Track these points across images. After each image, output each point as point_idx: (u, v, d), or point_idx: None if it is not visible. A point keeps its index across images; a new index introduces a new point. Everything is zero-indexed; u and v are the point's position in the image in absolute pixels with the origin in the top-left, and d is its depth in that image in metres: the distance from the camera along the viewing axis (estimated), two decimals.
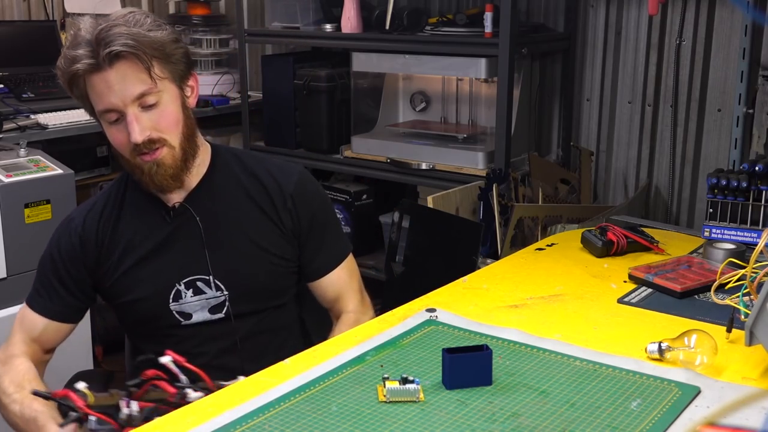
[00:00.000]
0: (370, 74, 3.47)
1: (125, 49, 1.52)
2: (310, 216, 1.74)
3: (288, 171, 1.77)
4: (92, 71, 1.52)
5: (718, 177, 1.96)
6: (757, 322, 1.33)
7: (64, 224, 1.71)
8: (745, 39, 2.81)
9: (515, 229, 2.76)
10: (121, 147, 1.58)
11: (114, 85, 1.52)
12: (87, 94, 1.56)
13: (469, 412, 1.25)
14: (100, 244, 1.68)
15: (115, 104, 1.53)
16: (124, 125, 1.54)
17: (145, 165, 1.57)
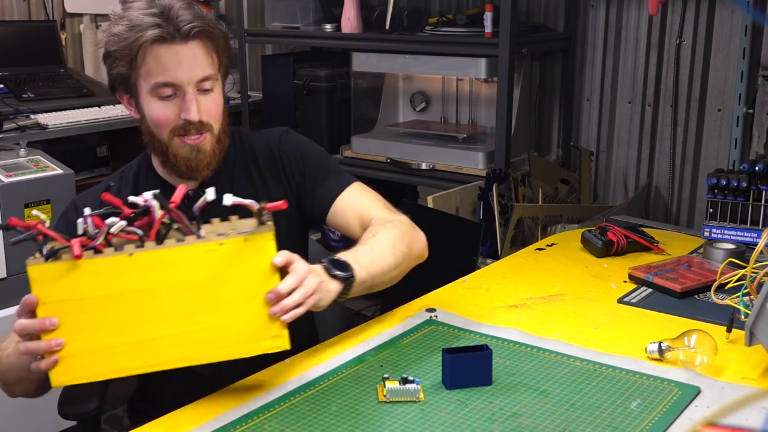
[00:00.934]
0: (370, 74, 3.47)
1: (206, 28, 1.51)
2: (302, 163, 1.70)
3: (273, 133, 1.74)
4: (161, 41, 1.48)
5: (718, 177, 1.96)
6: (757, 322, 1.33)
7: (70, 207, 1.64)
8: (745, 39, 2.81)
9: (515, 229, 2.76)
10: (164, 124, 1.53)
11: (183, 61, 1.49)
12: (141, 64, 1.49)
13: (469, 412, 1.25)
14: None
15: (179, 80, 1.49)
16: (175, 102, 1.51)
17: (184, 147, 1.54)
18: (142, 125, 1.57)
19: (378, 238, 1.53)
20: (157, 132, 1.54)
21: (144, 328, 1.21)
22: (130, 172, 1.69)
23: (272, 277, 1.24)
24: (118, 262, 1.20)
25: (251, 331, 1.24)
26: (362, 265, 1.45)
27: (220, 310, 1.23)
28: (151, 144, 1.58)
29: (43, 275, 1.19)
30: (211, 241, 1.21)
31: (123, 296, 1.21)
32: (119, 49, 1.50)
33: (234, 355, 1.25)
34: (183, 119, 1.51)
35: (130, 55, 1.49)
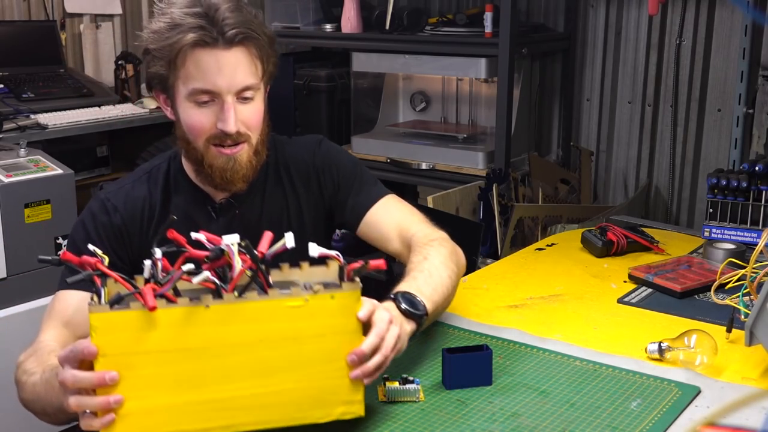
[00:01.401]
0: (370, 74, 3.47)
1: (252, 35, 1.42)
2: (336, 173, 1.63)
3: (307, 142, 1.68)
4: (204, 45, 1.40)
5: (718, 177, 1.96)
6: (757, 322, 1.33)
7: (97, 205, 1.55)
8: (745, 39, 2.81)
9: (515, 229, 2.76)
10: (199, 131, 1.46)
11: (225, 68, 1.41)
12: (180, 66, 1.42)
13: (469, 412, 1.25)
14: (146, 232, 1.54)
15: (219, 87, 1.42)
16: (212, 110, 1.44)
17: (220, 157, 1.47)
18: (177, 129, 1.51)
19: (432, 261, 1.45)
20: (193, 139, 1.47)
21: (212, 387, 1.10)
22: (159, 174, 1.58)
23: (356, 337, 1.14)
24: (193, 313, 1.08)
25: (326, 394, 1.14)
26: (427, 296, 1.36)
27: (295, 371, 1.12)
28: (186, 150, 1.51)
29: (107, 324, 1.06)
30: (296, 296, 1.11)
31: (192, 351, 1.09)
32: (158, 48, 1.42)
33: (306, 420, 1.14)
34: (219, 129, 1.44)
35: (170, 56, 1.41)
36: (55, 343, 1.41)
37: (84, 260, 1.09)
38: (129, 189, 1.56)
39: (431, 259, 1.46)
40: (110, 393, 1.06)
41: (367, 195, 1.63)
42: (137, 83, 3.67)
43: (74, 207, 2.69)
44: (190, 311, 1.08)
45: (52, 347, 1.39)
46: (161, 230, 1.50)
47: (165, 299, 1.07)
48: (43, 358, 1.34)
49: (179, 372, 1.09)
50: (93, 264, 1.09)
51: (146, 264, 1.10)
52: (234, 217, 1.57)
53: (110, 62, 3.72)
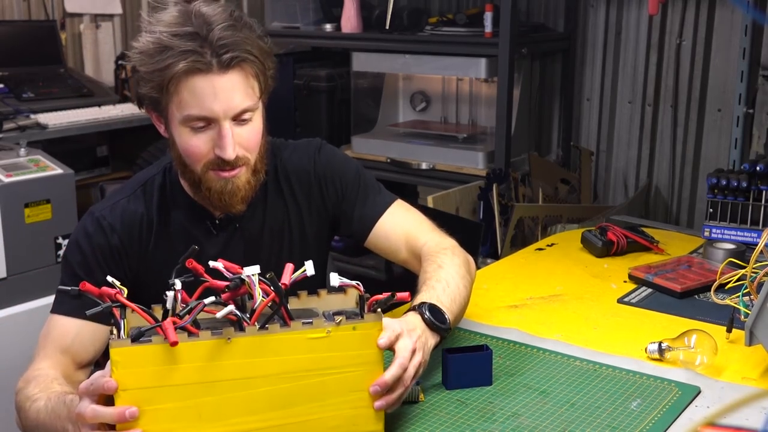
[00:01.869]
0: (370, 74, 3.47)
1: (247, 55, 1.36)
2: (339, 182, 1.59)
3: (306, 148, 1.61)
4: (198, 72, 1.33)
5: (718, 177, 1.96)
6: (757, 322, 1.33)
7: (92, 223, 1.48)
8: (745, 39, 2.81)
9: (515, 229, 2.76)
10: (196, 157, 1.40)
11: (220, 93, 1.34)
12: (173, 92, 1.35)
13: (469, 412, 1.25)
14: (144, 250, 1.49)
15: (215, 113, 1.35)
16: (209, 135, 1.38)
17: (218, 181, 1.41)
18: (172, 150, 1.44)
19: (448, 270, 1.44)
20: (190, 163, 1.42)
21: (235, 419, 1.10)
22: (154, 187, 1.52)
23: (377, 367, 1.14)
24: (214, 347, 1.07)
25: (348, 424, 1.14)
26: (447, 306, 1.35)
27: (317, 402, 1.13)
28: (182, 171, 1.45)
29: (129, 359, 1.05)
30: (318, 327, 1.11)
31: (214, 384, 1.08)
32: (148, 71, 1.35)
33: None
34: (217, 155, 1.38)
35: (161, 81, 1.34)
36: (55, 371, 1.38)
37: (103, 291, 1.09)
38: (125, 205, 1.49)
39: (446, 268, 1.44)
40: (131, 428, 1.06)
41: (373, 205, 1.60)
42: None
43: (74, 207, 2.69)
44: (212, 345, 1.07)
45: (54, 375, 1.36)
46: (162, 247, 1.49)
47: (186, 332, 1.07)
48: (46, 385, 1.31)
49: (201, 405, 1.08)
50: (112, 295, 1.09)
51: (168, 296, 1.09)
52: (235, 231, 1.53)
53: (110, 62, 3.72)
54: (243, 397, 1.10)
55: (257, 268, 1.11)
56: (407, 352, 1.18)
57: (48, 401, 1.25)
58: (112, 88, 3.61)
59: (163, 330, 1.05)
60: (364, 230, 1.59)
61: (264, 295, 1.10)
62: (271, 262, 1.53)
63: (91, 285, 1.09)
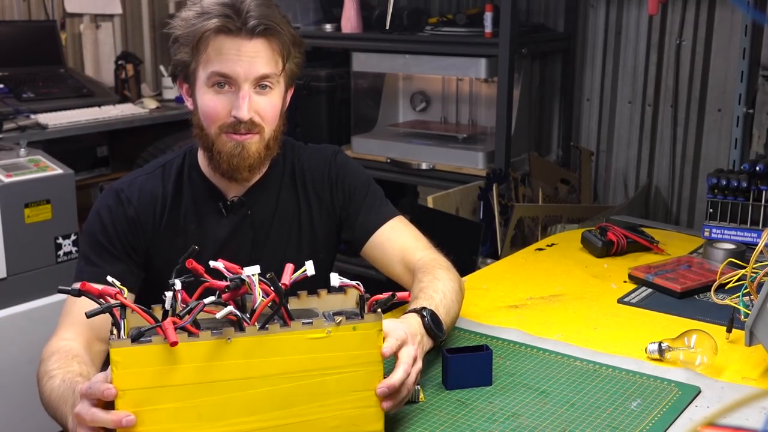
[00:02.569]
0: (370, 74, 3.47)
1: (274, 27, 1.46)
2: (348, 188, 1.65)
3: (324, 151, 1.68)
4: (226, 32, 1.44)
5: (718, 177, 1.96)
6: (757, 322, 1.33)
7: (111, 196, 1.54)
8: (745, 39, 2.81)
9: (515, 229, 2.76)
10: (212, 116, 1.47)
11: (244, 56, 1.44)
12: (201, 51, 1.45)
13: (469, 412, 1.25)
14: (157, 225, 1.55)
15: (236, 74, 1.44)
16: (228, 97, 1.46)
17: (230, 143, 1.48)
18: (194, 117, 1.52)
19: (445, 284, 1.49)
20: (206, 125, 1.49)
21: (235, 420, 1.10)
22: (172, 168, 1.59)
23: (377, 368, 1.15)
24: (214, 347, 1.08)
25: (348, 425, 1.15)
26: (442, 317, 1.41)
27: (317, 402, 1.13)
28: (200, 138, 1.52)
29: (129, 359, 1.05)
30: (319, 328, 1.11)
31: (214, 384, 1.08)
32: (184, 34, 1.47)
33: None
34: (233, 116, 1.46)
35: (193, 41, 1.45)
36: (78, 346, 1.41)
37: (103, 291, 1.09)
38: (143, 182, 1.57)
39: (443, 281, 1.49)
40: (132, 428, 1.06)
41: (376, 214, 1.65)
42: (137, 83, 3.67)
43: (74, 207, 2.69)
44: (212, 345, 1.08)
45: (76, 350, 1.39)
46: (172, 226, 1.53)
47: (186, 332, 1.07)
48: (66, 362, 1.34)
49: (201, 405, 1.09)
50: (113, 295, 1.09)
51: (167, 296, 1.09)
52: (245, 216, 1.58)
53: (110, 62, 3.72)
54: (243, 397, 1.10)
55: (257, 268, 1.11)
56: (410, 359, 1.20)
57: (62, 383, 1.27)
58: (112, 88, 3.61)
59: (163, 330, 1.05)
60: (362, 237, 1.63)
61: (264, 295, 1.10)
62: (277, 253, 1.59)
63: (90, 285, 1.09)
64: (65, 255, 2.65)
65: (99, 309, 1.08)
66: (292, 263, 1.15)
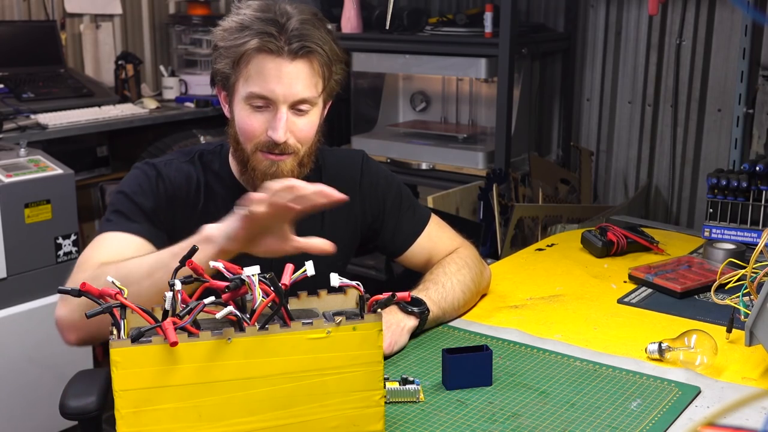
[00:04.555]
0: (370, 74, 3.47)
1: (317, 51, 1.44)
2: (383, 197, 1.65)
3: (352, 157, 1.67)
4: (268, 52, 1.41)
5: (718, 177, 1.96)
6: (757, 322, 1.33)
7: (150, 168, 1.53)
8: (745, 39, 2.81)
9: (515, 229, 2.76)
10: (249, 134, 1.46)
11: (284, 78, 1.42)
12: (242, 68, 1.43)
13: (469, 412, 1.25)
14: (189, 212, 1.53)
15: (276, 96, 1.42)
16: (264, 115, 1.44)
17: (265, 161, 1.46)
18: (230, 128, 1.51)
19: (449, 277, 1.58)
20: (242, 141, 1.48)
21: (235, 420, 1.10)
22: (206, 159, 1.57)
23: (377, 368, 1.15)
24: (214, 347, 1.08)
25: (348, 425, 1.15)
26: (434, 300, 1.51)
27: (317, 402, 1.13)
28: (234, 149, 1.52)
29: (129, 359, 1.05)
30: (318, 328, 1.11)
31: (214, 384, 1.09)
32: (225, 46, 1.44)
33: None
34: (269, 136, 1.44)
35: (235, 56, 1.43)
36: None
37: (103, 291, 1.09)
38: (178, 165, 1.56)
39: (448, 274, 1.59)
40: (133, 428, 1.06)
41: (413, 223, 1.68)
42: (137, 83, 3.67)
43: (74, 207, 2.69)
44: (212, 345, 1.07)
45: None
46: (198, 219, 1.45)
47: (186, 332, 1.07)
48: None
49: (201, 405, 1.09)
50: (113, 295, 1.09)
51: (168, 296, 1.09)
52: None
53: (110, 62, 3.72)
54: (243, 397, 1.10)
55: (257, 269, 1.11)
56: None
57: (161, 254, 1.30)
58: (112, 88, 3.61)
59: (163, 330, 1.05)
60: (401, 247, 1.68)
61: (264, 295, 1.10)
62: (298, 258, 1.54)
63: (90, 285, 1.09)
64: (65, 255, 2.65)
65: (99, 309, 1.08)
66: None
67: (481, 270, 1.68)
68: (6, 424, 2.52)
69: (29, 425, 2.56)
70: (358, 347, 1.13)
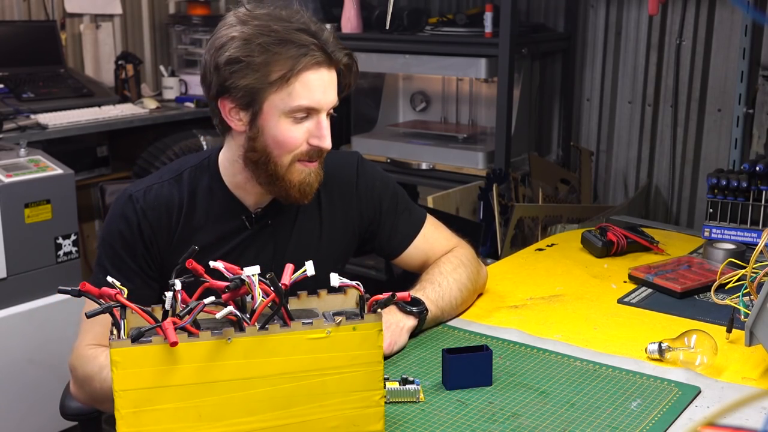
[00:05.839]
0: (370, 74, 3.47)
1: (353, 57, 1.47)
2: (380, 199, 1.65)
3: (347, 160, 1.66)
4: (315, 66, 1.40)
5: (718, 177, 1.96)
6: (757, 322, 1.33)
7: (130, 207, 1.49)
8: (745, 39, 2.81)
9: (515, 229, 2.76)
10: (290, 146, 1.43)
11: (326, 87, 1.43)
12: (286, 84, 1.39)
13: (469, 412, 1.25)
14: (171, 238, 1.51)
15: (320, 104, 1.42)
16: (305, 126, 1.43)
17: (303, 172, 1.45)
18: (253, 142, 1.44)
19: (445, 276, 1.60)
20: (278, 154, 1.44)
21: (235, 420, 1.10)
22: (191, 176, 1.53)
23: (377, 368, 1.15)
24: (214, 347, 1.08)
25: (348, 425, 1.15)
26: (432, 300, 1.54)
27: (317, 402, 1.13)
28: (261, 164, 1.45)
29: (129, 359, 1.05)
30: (318, 328, 1.11)
31: (214, 384, 1.09)
32: (260, 61, 1.38)
33: None
34: (314, 146, 1.44)
35: (279, 71, 1.38)
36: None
37: (103, 292, 1.09)
38: (158, 190, 1.51)
39: (444, 274, 1.61)
40: (133, 428, 1.06)
41: (411, 224, 1.68)
42: (137, 83, 3.67)
43: (74, 207, 2.69)
44: (212, 345, 1.08)
45: None
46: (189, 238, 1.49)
47: (186, 332, 1.07)
48: None
49: (201, 406, 1.09)
50: (113, 295, 1.09)
51: (167, 296, 1.09)
52: (265, 226, 1.54)
53: (110, 62, 3.72)
54: (243, 397, 1.10)
55: (257, 269, 1.11)
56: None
57: None
58: (112, 88, 3.61)
59: (163, 330, 1.05)
60: (398, 248, 1.69)
61: (264, 295, 1.10)
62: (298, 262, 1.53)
63: (90, 286, 1.09)
64: (65, 255, 2.65)
65: (99, 309, 1.08)
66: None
67: (478, 269, 1.68)
68: (6, 424, 2.52)
69: (29, 425, 2.56)
70: (358, 347, 1.13)
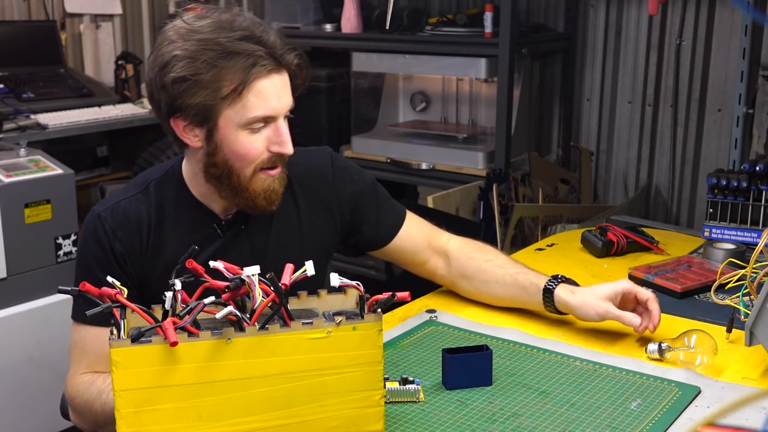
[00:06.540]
0: (370, 74, 3.47)
1: (303, 56, 1.42)
2: (358, 196, 1.61)
3: (320, 156, 1.62)
4: (264, 74, 1.36)
5: (718, 177, 1.96)
6: (757, 322, 1.33)
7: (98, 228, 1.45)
8: (745, 39, 2.81)
9: (515, 229, 2.76)
10: (251, 158, 1.39)
11: (280, 92, 1.38)
12: (238, 97, 1.35)
13: (469, 412, 1.25)
14: (144, 252, 1.47)
15: (276, 111, 1.38)
16: (263, 134, 1.39)
17: (267, 180, 1.42)
18: (213, 157, 1.40)
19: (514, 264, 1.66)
20: (240, 166, 1.40)
21: (235, 420, 1.10)
22: (156, 188, 1.49)
23: (377, 368, 1.15)
24: (214, 347, 1.08)
25: (349, 425, 1.15)
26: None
27: (317, 402, 1.13)
28: (224, 178, 1.42)
29: (129, 359, 1.05)
30: (319, 328, 1.11)
31: (214, 384, 1.08)
32: (209, 78, 1.33)
33: None
34: (276, 152, 1.40)
35: (228, 85, 1.34)
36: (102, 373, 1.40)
37: (104, 292, 1.09)
38: (125, 206, 1.47)
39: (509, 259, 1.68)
40: (133, 428, 1.06)
41: (394, 216, 1.66)
42: (137, 83, 3.67)
43: (74, 207, 2.69)
44: (212, 345, 1.07)
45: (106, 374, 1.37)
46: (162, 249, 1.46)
47: (186, 332, 1.07)
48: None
49: (201, 405, 1.09)
50: (112, 296, 1.08)
51: (167, 296, 1.09)
52: (239, 232, 1.51)
53: (110, 62, 3.72)
54: (243, 397, 1.10)
55: (257, 269, 1.11)
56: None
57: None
58: (112, 88, 3.61)
59: (163, 330, 1.05)
60: (386, 237, 1.65)
61: (264, 295, 1.10)
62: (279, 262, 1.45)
63: (90, 286, 1.09)
64: (65, 255, 2.65)
65: (99, 309, 1.08)
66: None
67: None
68: (6, 424, 2.52)
69: (29, 425, 2.56)
70: (358, 347, 1.13)
